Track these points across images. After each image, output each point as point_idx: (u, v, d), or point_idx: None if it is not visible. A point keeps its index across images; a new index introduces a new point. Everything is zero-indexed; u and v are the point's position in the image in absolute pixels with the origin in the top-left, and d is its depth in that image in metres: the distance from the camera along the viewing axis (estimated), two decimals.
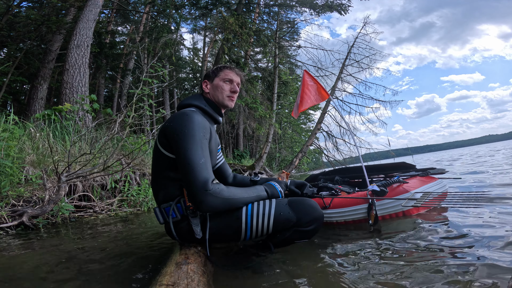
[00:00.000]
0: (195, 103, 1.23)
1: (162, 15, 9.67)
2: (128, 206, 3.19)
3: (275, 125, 10.31)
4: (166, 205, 1.13)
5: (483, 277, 0.88)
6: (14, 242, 1.78)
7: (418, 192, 1.66)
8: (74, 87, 4.93)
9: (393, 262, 1.09)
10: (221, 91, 1.27)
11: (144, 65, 5.85)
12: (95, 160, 2.99)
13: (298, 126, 20.81)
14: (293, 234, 1.12)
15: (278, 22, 11.33)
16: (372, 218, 1.60)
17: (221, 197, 1.02)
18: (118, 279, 1.10)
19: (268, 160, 13.85)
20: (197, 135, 1.05)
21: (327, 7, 10.76)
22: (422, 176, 2.04)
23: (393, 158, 8.25)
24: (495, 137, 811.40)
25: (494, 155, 9.51)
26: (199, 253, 1.07)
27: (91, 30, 5.51)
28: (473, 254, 1.06)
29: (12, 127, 2.81)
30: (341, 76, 10.64)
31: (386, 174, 2.38)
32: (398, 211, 1.67)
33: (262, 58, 14.89)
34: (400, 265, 1.05)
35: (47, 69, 6.87)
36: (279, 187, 1.27)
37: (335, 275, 1.04)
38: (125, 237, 1.87)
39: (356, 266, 1.09)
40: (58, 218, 2.43)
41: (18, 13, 7.71)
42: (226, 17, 8.19)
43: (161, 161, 1.14)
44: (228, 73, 1.28)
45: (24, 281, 1.10)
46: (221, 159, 1.49)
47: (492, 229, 1.33)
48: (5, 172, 2.37)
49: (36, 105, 6.47)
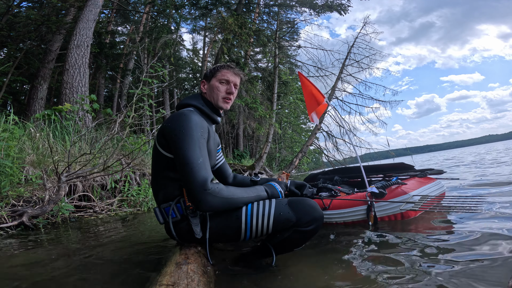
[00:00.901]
0: (193, 103, 1.23)
1: (162, 15, 9.67)
2: (128, 206, 3.19)
3: (275, 125, 10.31)
4: (166, 205, 1.13)
5: (483, 277, 0.88)
6: (14, 242, 1.78)
7: (416, 195, 1.67)
8: (74, 87, 4.93)
9: (392, 266, 1.09)
10: (217, 93, 1.24)
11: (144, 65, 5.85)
12: (95, 160, 2.99)
13: (298, 126, 20.81)
14: (293, 234, 1.12)
15: (278, 22, 11.33)
16: (371, 219, 1.61)
17: (221, 196, 1.02)
18: (118, 279, 1.10)
19: (268, 160, 13.85)
20: (195, 135, 1.05)
21: (327, 7, 10.77)
22: (420, 177, 2.04)
23: (393, 158, 8.25)
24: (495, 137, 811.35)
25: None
26: (199, 253, 1.07)
27: (91, 30, 5.51)
28: (473, 254, 1.06)
29: (12, 127, 2.81)
30: (341, 76, 10.65)
31: (385, 174, 2.38)
32: (396, 213, 1.67)
33: (262, 58, 14.90)
34: (400, 266, 1.05)
35: (47, 69, 6.86)
36: (279, 187, 1.26)
37: (335, 277, 1.04)
38: (125, 237, 1.87)
39: (355, 269, 1.09)
40: (58, 218, 2.43)
41: (18, 13, 7.71)
42: (225, 18, 8.19)
43: (160, 161, 1.14)
44: (225, 73, 1.26)
45: (24, 281, 1.10)
46: (221, 159, 1.49)
47: (490, 230, 1.33)
48: (5, 172, 2.37)
49: (36, 105, 6.47)
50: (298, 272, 1.09)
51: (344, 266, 1.12)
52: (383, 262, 1.10)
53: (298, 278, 1.03)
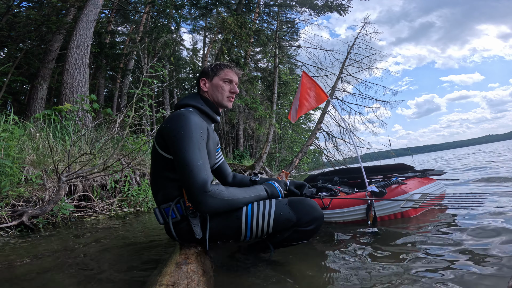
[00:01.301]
0: (192, 103, 1.22)
1: (162, 15, 9.67)
2: (128, 206, 3.19)
3: (275, 125, 10.31)
4: (165, 205, 1.12)
5: (483, 277, 0.88)
6: (14, 242, 1.78)
7: (417, 194, 1.66)
8: (74, 87, 4.93)
9: (392, 265, 1.09)
10: (221, 92, 1.25)
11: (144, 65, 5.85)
12: (95, 160, 2.99)
13: (298, 126, 20.80)
14: (293, 234, 1.12)
15: (278, 22, 11.32)
16: (370, 219, 1.61)
17: (221, 198, 1.02)
18: (117, 279, 1.10)
19: (268, 160, 13.84)
20: (194, 136, 1.04)
21: (327, 8, 10.77)
22: (421, 177, 2.04)
23: (393, 158, 8.25)
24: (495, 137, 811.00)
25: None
26: (199, 253, 1.07)
27: (91, 30, 5.51)
28: (473, 255, 1.06)
29: (12, 127, 2.81)
30: (341, 76, 10.64)
31: (385, 175, 2.38)
32: (396, 212, 1.67)
33: (262, 58, 14.90)
34: (399, 266, 1.05)
35: (47, 69, 6.87)
36: (279, 186, 1.26)
37: (335, 276, 1.04)
38: (125, 237, 1.87)
39: (355, 268, 1.09)
40: (58, 218, 2.43)
41: (18, 13, 7.71)
42: (225, 18, 8.19)
43: (159, 162, 1.14)
44: (228, 72, 1.26)
45: (24, 281, 1.10)
46: (221, 158, 1.48)
47: (490, 229, 1.33)
48: (5, 172, 2.37)
49: (36, 105, 6.47)
50: (298, 271, 1.09)
51: (344, 265, 1.12)
52: (383, 261, 1.10)
53: (298, 277, 1.03)
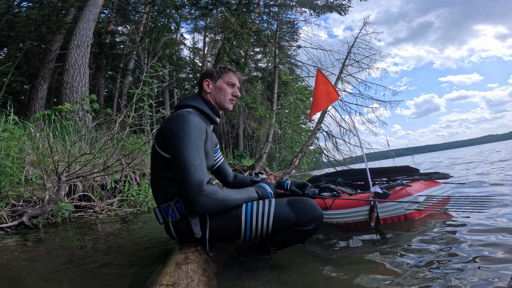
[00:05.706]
0: (192, 103, 1.24)
1: (162, 15, 9.66)
2: (128, 206, 3.19)
3: (275, 125, 10.30)
4: (165, 205, 1.13)
5: (484, 277, 0.88)
6: (14, 242, 1.78)
7: (421, 196, 1.62)
8: (74, 87, 4.92)
9: (394, 267, 1.08)
10: (224, 94, 1.29)
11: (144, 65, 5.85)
12: (95, 160, 2.99)
13: (298, 126, 20.81)
14: (292, 233, 1.12)
15: (278, 22, 11.32)
16: (373, 221, 1.56)
17: (215, 198, 1.03)
18: (117, 279, 1.10)
19: (268, 160, 13.84)
20: (193, 137, 1.05)
21: (327, 8, 10.75)
22: (426, 180, 2.01)
23: (393, 158, 8.23)
24: (495, 137, 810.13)
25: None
26: (199, 253, 1.07)
27: (91, 30, 5.51)
28: (475, 255, 1.06)
29: (12, 127, 2.81)
30: (341, 76, 10.64)
31: (389, 177, 2.34)
32: (400, 214, 1.63)
33: (262, 58, 14.89)
34: (401, 268, 1.05)
35: (47, 69, 6.87)
36: (269, 188, 1.29)
37: (335, 277, 1.04)
38: (125, 237, 1.87)
39: (356, 270, 1.09)
40: (58, 218, 2.43)
41: (18, 13, 7.71)
42: (228, 17, 8.18)
43: (159, 162, 1.14)
44: (231, 76, 1.31)
45: (24, 281, 1.10)
46: (220, 159, 1.49)
47: (494, 233, 1.32)
48: (5, 172, 2.37)
49: (36, 105, 6.47)
50: (298, 271, 1.09)
51: (344, 266, 1.12)
52: (384, 263, 1.10)
53: (298, 277, 1.03)
